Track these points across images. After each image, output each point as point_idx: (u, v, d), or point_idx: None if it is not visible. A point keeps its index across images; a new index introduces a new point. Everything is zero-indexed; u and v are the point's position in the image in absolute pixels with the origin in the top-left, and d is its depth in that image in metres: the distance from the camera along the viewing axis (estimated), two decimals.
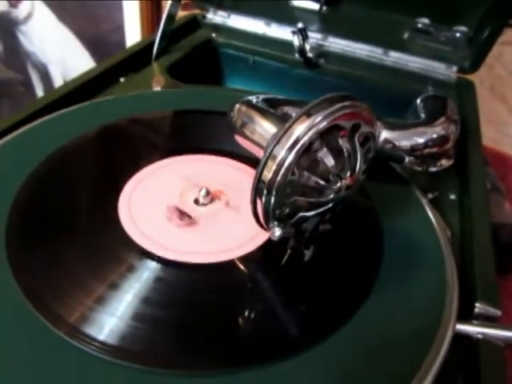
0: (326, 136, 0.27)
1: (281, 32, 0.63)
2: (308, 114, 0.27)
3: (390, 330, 0.29)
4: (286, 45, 0.61)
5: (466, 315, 0.31)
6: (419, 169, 0.44)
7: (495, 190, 0.63)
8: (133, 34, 0.91)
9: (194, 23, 0.66)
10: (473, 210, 0.39)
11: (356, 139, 0.28)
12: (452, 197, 0.43)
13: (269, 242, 0.32)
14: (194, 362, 0.26)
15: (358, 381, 0.26)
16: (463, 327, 0.30)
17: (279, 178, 0.27)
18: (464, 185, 0.43)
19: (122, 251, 0.31)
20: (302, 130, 0.26)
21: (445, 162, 0.45)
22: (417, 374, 0.26)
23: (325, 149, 0.27)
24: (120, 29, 0.93)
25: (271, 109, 0.33)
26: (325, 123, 0.27)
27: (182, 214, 0.33)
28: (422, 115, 0.44)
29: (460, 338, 0.30)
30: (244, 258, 0.32)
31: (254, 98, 0.35)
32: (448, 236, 0.37)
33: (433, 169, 0.44)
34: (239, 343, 0.27)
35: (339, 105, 0.27)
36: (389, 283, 0.31)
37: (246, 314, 0.29)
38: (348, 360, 0.27)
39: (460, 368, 0.29)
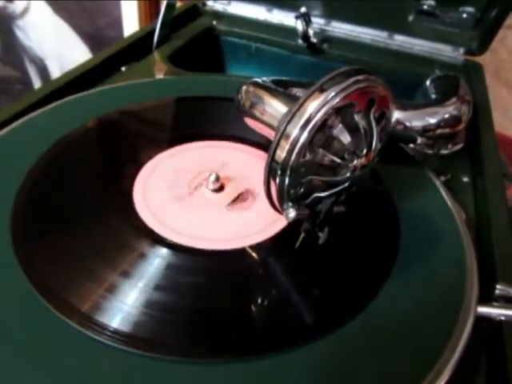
0: (341, 111, 0.26)
1: (283, 18, 0.62)
2: (321, 90, 0.25)
3: (409, 315, 0.28)
4: (289, 31, 0.60)
5: (485, 297, 0.30)
6: (430, 152, 0.43)
7: (504, 174, 0.62)
8: (131, 29, 0.90)
9: (195, 11, 0.65)
10: (488, 191, 0.38)
11: (371, 115, 0.27)
12: (465, 179, 0.42)
13: (284, 230, 0.32)
14: (208, 350, 0.25)
15: (378, 364, 0.25)
16: (484, 310, 0.29)
17: (293, 157, 0.25)
18: (477, 167, 0.42)
19: (134, 238, 0.30)
20: (314, 106, 0.25)
21: (456, 145, 0.44)
22: (440, 357, 0.25)
23: (340, 125, 0.26)
24: (118, 23, 0.92)
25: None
26: (338, 99, 0.25)
27: (238, 199, 0.34)
28: (433, 96, 0.43)
29: (480, 321, 0.29)
30: (258, 246, 0.31)
31: (261, 79, 0.34)
32: (463, 218, 0.36)
33: (444, 151, 0.43)
34: (253, 331, 0.27)
35: (353, 79, 0.26)
36: (407, 266, 0.30)
37: (261, 301, 0.28)
38: (367, 345, 0.26)
39: (483, 351, 0.29)
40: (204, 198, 0.34)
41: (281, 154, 0.26)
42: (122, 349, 0.24)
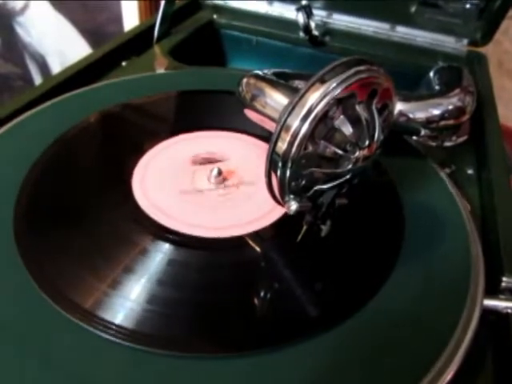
0: (342, 102, 0.25)
1: (283, 10, 0.62)
2: (322, 81, 0.25)
3: (414, 308, 0.27)
4: (290, 23, 0.59)
5: (491, 290, 0.30)
6: (434, 144, 0.42)
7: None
8: (131, 24, 0.90)
9: (195, 5, 0.64)
10: (494, 183, 0.37)
11: (374, 106, 0.26)
12: (469, 171, 0.41)
13: (286, 218, 0.31)
14: (213, 345, 0.25)
15: (385, 356, 0.25)
16: (491, 302, 0.28)
17: (294, 149, 0.25)
18: (481, 159, 0.42)
19: (135, 233, 0.30)
20: (315, 98, 0.25)
21: (460, 137, 0.43)
22: (447, 350, 0.25)
23: (341, 116, 0.25)
24: (118, 19, 0.92)
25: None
26: (339, 90, 0.25)
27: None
28: (437, 87, 0.42)
29: (487, 314, 0.28)
30: (260, 235, 0.30)
31: (262, 71, 0.33)
32: (469, 210, 0.35)
33: (448, 143, 0.43)
34: (258, 325, 0.26)
35: (354, 69, 0.25)
36: (412, 259, 0.30)
37: (266, 294, 0.27)
38: (372, 338, 0.26)
39: (489, 343, 0.28)
40: (205, 189, 0.34)
41: (282, 146, 0.25)
42: (125, 344, 0.24)
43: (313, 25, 0.56)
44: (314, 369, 0.24)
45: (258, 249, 0.30)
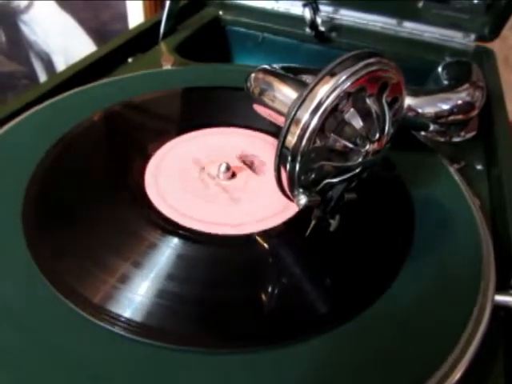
0: (352, 95, 0.25)
1: (290, 6, 0.62)
2: (332, 74, 0.25)
3: (425, 305, 0.27)
4: (296, 19, 0.59)
5: (502, 286, 0.29)
6: (442, 139, 0.42)
7: None
8: (136, 22, 0.90)
9: (201, 2, 0.64)
10: (503, 179, 0.37)
11: (384, 99, 0.26)
12: (478, 167, 0.41)
13: (295, 215, 0.31)
14: (221, 340, 0.25)
15: (396, 353, 0.25)
16: (501, 298, 0.28)
17: (304, 143, 0.25)
18: (490, 154, 0.42)
19: (145, 227, 0.30)
20: (325, 91, 0.25)
21: (468, 132, 0.43)
22: (458, 346, 0.25)
23: (352, 109, 0.25)
24: (123, 16, 0.91)
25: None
26: (349, 83, 0.25)
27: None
28: (445, 82, 0.42)
29: (498, 309, 0.28)
30: (270, 232, 0.30)
31: (270, 66, 0.33)
32: (478, 206, 0.35)
33: (456, 139, 0.43)
34: (266, 320, 0.26)
35: (364, 62, 0.25)
36: (422, 255, 0.30)
37: (274, 290, 0.27)
38: (383, 334, 0.25)
39: (500, 339, 0.28)
40: (215, 185, 0.34)
41: (291, 140, 0.25)
42: (134, 338, 0.24)
43: (319, 21, 0.56)
44: (323, 365, 0.24)
45: (267, 246, 0.30)
